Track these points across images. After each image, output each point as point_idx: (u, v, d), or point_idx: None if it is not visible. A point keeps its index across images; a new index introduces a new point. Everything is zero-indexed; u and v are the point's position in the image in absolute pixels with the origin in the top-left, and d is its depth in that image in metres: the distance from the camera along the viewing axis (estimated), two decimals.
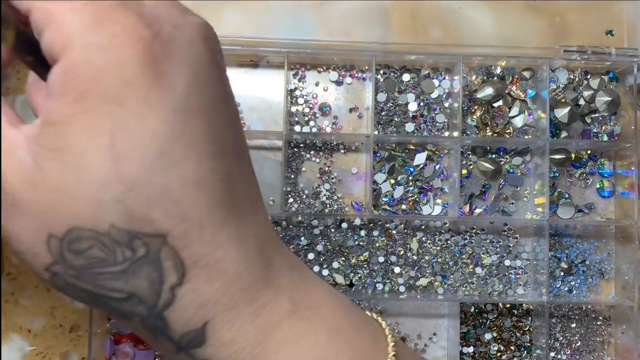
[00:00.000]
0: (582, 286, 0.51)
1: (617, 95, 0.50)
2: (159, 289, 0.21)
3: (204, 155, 0.21)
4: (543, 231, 0.49)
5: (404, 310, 0.50)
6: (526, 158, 0.51)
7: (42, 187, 0.20)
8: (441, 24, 0.51)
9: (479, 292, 0.50)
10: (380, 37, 0.50)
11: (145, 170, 0.20)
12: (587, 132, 0.51)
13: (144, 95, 0.20)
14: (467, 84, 0.50)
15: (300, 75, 0.50)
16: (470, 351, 0.49)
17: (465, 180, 0.51)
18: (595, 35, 0.51)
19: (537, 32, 0.51)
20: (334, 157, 0.50)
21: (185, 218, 0.21)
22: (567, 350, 0.50)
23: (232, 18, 0.50)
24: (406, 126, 0.50)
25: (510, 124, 0.51)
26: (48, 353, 0.48)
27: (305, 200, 0.50)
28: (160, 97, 0.20)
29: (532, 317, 0.50)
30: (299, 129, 0.50)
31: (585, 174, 0.51)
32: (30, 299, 0.49)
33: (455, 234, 0.50)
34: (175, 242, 0.21)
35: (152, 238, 0.21)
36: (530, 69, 0.51)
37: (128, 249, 0.21)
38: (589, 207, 0.51)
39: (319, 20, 0.50)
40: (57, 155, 0.20)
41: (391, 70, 0.51)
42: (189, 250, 0.21)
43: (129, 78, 0.20)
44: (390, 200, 0.50)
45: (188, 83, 0.21)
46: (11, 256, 0.49)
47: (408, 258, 0.50)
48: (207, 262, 0.22)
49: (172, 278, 0.21)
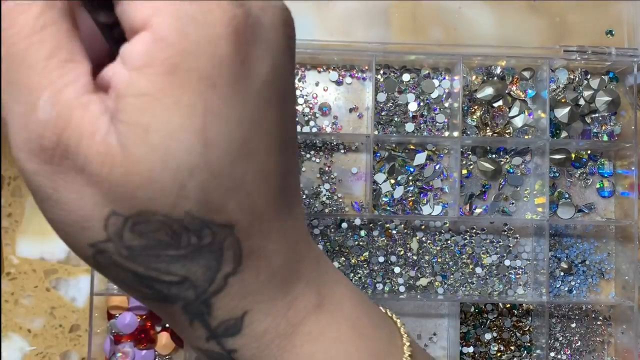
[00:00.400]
0: (582, 286, 0.51)
1: (617, 95, 0.50)
2: (213, 276, 0.21)
3: (274, 147, 0.21)
4: (543, 231, 0.49)
5: (404, 310, 0.50)
6: (526, 158, 0.51)
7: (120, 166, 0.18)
8: (441, 24, 0.51)
9: (479, 292, 0.50)
10: (380, 37, 0.50)
11: (230, 160, 0.19)
12: (587, 132, 0.51)
13: (233, 78, 0.19)
14: (467, 84, 0.50)
15: (300, 75, 0.50)
16: (470, 351, 0.49)
17: (465, 180, 0.51)
18: (595, 35, 0.51)
19: (537, 32, 0.51)
20: (334, 157, 0.50)
21: (254, 210, 0.21)
22: (567, 350, 0.50)
23: None
24: (406, 126, 0.50)
25: (510, 124, 0.51)
26: (48, 353, 0.48)
27: (305, 200, 0.50)
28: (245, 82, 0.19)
29: (532, 317, 0.50)
30: (299, 129, 0.50)
31: (585, 174, 0.51)
32: (30, 299, 0.49)
33: (455, 234, 0.50)
34: (240, 234, 0.21)
35: (221, 228, 0.20)
36: (530, 69, 0.51)
37: (195, 236, 0.20)
38: (589, 207, 0.51)
39: (319, 20, 0.50)
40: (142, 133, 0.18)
41: (391, 70, 0.51)
42: (250, 242, 0.21)
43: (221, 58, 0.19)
44: (390, 200, 0.50)
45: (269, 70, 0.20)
46: (11, 256, 0.49)
47: (408, 258, 0.50)
48: (260, 254, 0.22)
49: (229, 267, 0.21)
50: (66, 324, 0.49)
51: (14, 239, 0.49)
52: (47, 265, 0.49)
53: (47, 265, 0.49)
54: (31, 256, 0.49)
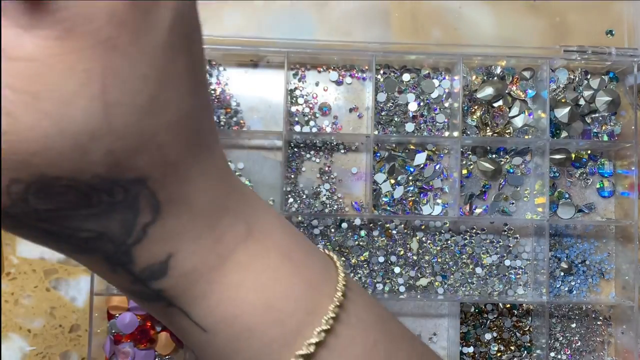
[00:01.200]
0: (582, 286, 0.51)
1: (617, 95, 0.50)
2: (130, 229, 0.21)
3: (186, 94, 0.20)
4: (543, 231, 0.49)
5: (404, 310, 0.50)
6: (526, 158, 0.51)
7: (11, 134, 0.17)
8: (441, 24, 0.51)
9: (479, 292, 0.50)
10: (380, 37, 0.50)
11: (136, 118, 0.19)
12: (587, 132, 0.51)
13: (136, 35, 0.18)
14: (467, 84, 0.50)
15: (300, 75, 0.50)
16: (470, 351, 0.49)
17: (465, 180, 0.51)
18: (595, 35, 0.51)
19: (537, 32, 0.51)
20: (334, 157, 0.50)
21: (166, 161, 0.20)
22: (567, 350, 0.50)
23: (232, 18, 0.50)
24: (406, 126, 0.50)
25: (510, 124, 0.51)
26: (48, 353, 0.48)
27: (305, 200, 0.50)
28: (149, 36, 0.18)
29: (532, 317, 0.50)
30: (299, 129, 0.50)
31: (585, 174, 0.51)
32: (30, 299, 0.49)
33: (455, 234, 0.50)
34: (155, 185, 0.20)
35: (133, 183, 0.20)
36: (530, 69, 0.51)
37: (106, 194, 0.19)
38: (589, 207, 0.51)
39: (319, 20, 0.50)
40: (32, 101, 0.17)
41: (391, 70, 0.51)
42: (166, 191, 0.21)
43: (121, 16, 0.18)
44: (390, 200, 0.50)
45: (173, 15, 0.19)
46: (11, 256, 0.49)
47: (408, 258, 0.50)
48: (180, 199, 0.21)
49: (146, 218, 0.21)
50: (66, 324, 0.49)
51: (14, 239, 0.49)
52: (47, 265, 0.49)
53: (47, 265, 0.49)
54: (31, 256, 0.49)
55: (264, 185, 0.50)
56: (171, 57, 0.19)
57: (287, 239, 0.25)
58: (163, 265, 0.22)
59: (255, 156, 0.50)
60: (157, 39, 0.19)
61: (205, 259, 0.22)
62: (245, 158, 0.50)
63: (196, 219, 0.22)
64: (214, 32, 0.49)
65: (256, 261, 0.23)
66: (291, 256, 0.24)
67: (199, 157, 0.22)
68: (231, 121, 0.50)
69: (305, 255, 0.25)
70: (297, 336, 0.23)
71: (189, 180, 0.21)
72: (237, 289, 0.23)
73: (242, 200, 0.24)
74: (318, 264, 0.25)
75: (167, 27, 0.19)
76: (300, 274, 0.24)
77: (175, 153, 0.20)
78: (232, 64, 0.50)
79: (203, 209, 0.22)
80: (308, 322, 0.23)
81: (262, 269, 0.23)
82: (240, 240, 0.23)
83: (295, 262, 0.24)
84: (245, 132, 0.49)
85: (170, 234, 0.22)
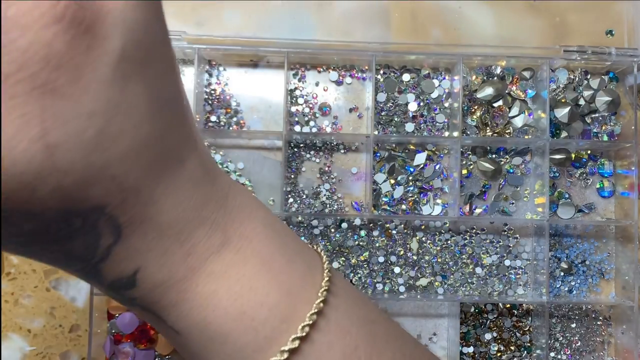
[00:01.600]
0: (582, 286, 0.51)
1: (617, 95, 0.50)
2: (94, 250, 0.21)
3: (144, 120, 0.20)
4: (543, 231, 0.49)
5: (404, 310, 0.50)
6: (526, 158, 0.51)
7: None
8: (441, 24, 0.51)
9: (479, 292, 0.50)
10: (380, 37, 0.50)
11: (82, 155, 0.18)
12: (587, 132, 0.51)
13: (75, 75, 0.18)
14: (467, 84, 0.50)
15: (300, 75, 0.50)
16: (470, 351, 0.49)
17: (465, 180, 0.51)
18: (595, 35, 0.51)
19: (537, 32, 0.51)
20: (334, 157, 0.50)
21: (123, 189, 0.20)
22: (567, 350, 0.50)
23: (232, 18, 0.50)
24: (406, 126, 0.50)
25: (510, 124, 0.51)
26: (48, 353, 0.48)
27: (305, 200, 0.50)
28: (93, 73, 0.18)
29: (532, 317, 0.50)
30: (299, 129, 0.50)
31: (585, 174, 0.51)
32: (30, 299, 0.49)
33: (455, 234, 0.50)
34: (113, 212, 0.20)
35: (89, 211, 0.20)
36: (530, 69, 0.51)
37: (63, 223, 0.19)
38: (589, 207, 0.51)
39: (319, 20, 0.50)
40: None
41: (391, 70, 0.51)
42: (128, 214, 0.21)
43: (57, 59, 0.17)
44: (390, 200, 0.50)
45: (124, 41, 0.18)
46: (11, 256, 0.49)
47: (408, 258, 0.50)
48: (144, 219, 0.21)
49: (108, 240, 0.21)
50: (66, 324, 0.49)
51: None
52: (47, 265, 0.49)
53: (47, 265, 0.49)
54: None
55: (264, 185, 0.50)
56: (122, 87, 0.19)
57: (269, 245, 0.25)
58: (131, 279, 0.22)
59: (255, 156, 0.50)
60: (102, 74, 0.18)
61: (175, 271, 0.23)
62: (245, 158, 0.50)
63: (163, 236, 0.22)
64: (214, 32, 0.49)
65: (231, 270, 0.24)
66: (271, 264, 0.25)
67: (163, 176, 0.21)
68: (231, 121, 0.50)
69: (287, 262, 0.25)
70: (271, 342, 0.24)
71: (153, 201, 0.21)
72: (209, 298, 0.23)
73: (221, 209, 0.24)
74: (300, 270, 0.25)
75: (115, 59, 0.18)
76: (277, 282, 0.24)
77: (133, 179, 0.20)
78: (232, 64, 0.50)
79: (171, 226, 0.22)
80: (283, 330, 0.24)
81: (236, 277, 0.24)
82: (214, 251, 0.24)
83: (274, 270, 0.24)
84: (245, 132, 0.49)
85: (135, 252, 0.22)
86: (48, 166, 0.18)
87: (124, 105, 0.19)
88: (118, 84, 0.19)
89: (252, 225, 0.25)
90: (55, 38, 0.17)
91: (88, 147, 0.18)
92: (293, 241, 0.27)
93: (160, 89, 0.21)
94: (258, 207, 0.26)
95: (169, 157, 0.22)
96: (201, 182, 0.23)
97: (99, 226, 0.20)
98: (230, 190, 0.25)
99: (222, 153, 0.50)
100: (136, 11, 0.19)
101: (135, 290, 0.23)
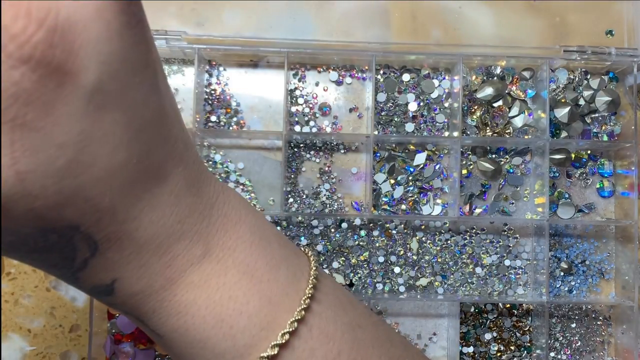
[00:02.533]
0: (582, 286, 0.51)
1: (617, 95, 0.50)
2: (71, 261, 0.22)
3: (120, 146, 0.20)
4: (543, 231, 0.49)
5: (404, 310, 0.50)
6: (526, 158, 0.51)
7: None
8: (441, 24, 0.51)
9: (479, 292, 0.50)
10: (380, 37, 0.50)
11: (53, 181, 0.19)
12: (587, 132, 0.51)
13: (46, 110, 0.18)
14: (467, 84, 0.50)
15: (300, 75, 0.50)
16: (470, 351, 0.49)
17: (465, 180, 0.51)
18: (595, 35, 0.51)
19: (537, 32, 0.51)
20: (334, 157, 0.50)
21: (98, 209, 0.20)
22: (567, 350, 0.50)
23: (232, 18, 0.50)
24: (406, 126, 0.50)
25: (510, 124, 0.51)
26: (48, 353, 0.48)
27: (305, 200, 0.50)
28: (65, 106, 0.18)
29: (532, 317, 0.50)
30: (299, 129, 0.50)
31: (585, 174, 0.51)
32: (30, 299, 0.49)
33: (455, 234, 0.50)
34: (88, 230, 0.21)
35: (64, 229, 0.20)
36: (530, 69, 0.51)
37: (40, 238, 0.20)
38: (589, 207, 0.51)
39: (319, 20, 0.50)
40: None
41: (391, 70, 0.51)
42: (104, 232, 0.21)
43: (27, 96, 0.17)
44: (390, 200, 0.50)
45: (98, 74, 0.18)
46: None
47: (408, 258, 0.50)
48: (120, 236, 0.22)
49: (85, 254, 0.21)
50: (66, 324, 0.49)
51: None
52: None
53: None
54: None
55: (264, 185, 0.50)
56: (95, 118, 0.19)
57: (253, 254, 0.25)
58: (108, 287, 0.23)
59: (255, 156, 0.50)
60: (74, 107, 0.18)
61: (154, 282, 0.23)
62: (245, 158, 0.50)
63: (141, 250, 0.23)
64: (214, 32, 0.50)
65: (210, 280, 0.24)
66: (253, 272, 0.25)
67: (143, 195, 0.22)
68: (231, 121, 0.50)
69: (271, 269, 0.25)
70: (250, 349, 0.24)
71: (131, 219, 0.22)
72: (188, 306, 0.24)
73: (205, 219, 0.24)
74: (284, 277, 0.26)
75: (89, 92, 0.18)
76: (258, 290, 0.25)
77: (108, 201, 0.20)
78: (232, 64, 0.50)
79: (150, 241, 0.23)
80: (263, 337, 0.24)
81: (216, 287, 0.24)
82: (195, 262, 0.24)
83: (255, 279, 0.25)
84: (245, 132, 0.49)
85: (113, 264, 0.22)
86: (19, 190, 0.18)
87: (99, 133, 0.19)
88: (91, 115, 0.19)
89: (237, 234, 0.25)
90: (23, 78, 0.17)
91: (58, 174, 0.19)
92: (280, 247, 0.27)
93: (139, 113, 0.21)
94: (247, 213, 0.26)
95: (149, 176, 0.22)
96: (185, 195, 0.24)
97: (75, 241, 0.21)
98: (218, 199, 0.25)
99: (222, 153, 0.50)
100: (112, 42, 0.19)
101: (113, 298, 0.23)
